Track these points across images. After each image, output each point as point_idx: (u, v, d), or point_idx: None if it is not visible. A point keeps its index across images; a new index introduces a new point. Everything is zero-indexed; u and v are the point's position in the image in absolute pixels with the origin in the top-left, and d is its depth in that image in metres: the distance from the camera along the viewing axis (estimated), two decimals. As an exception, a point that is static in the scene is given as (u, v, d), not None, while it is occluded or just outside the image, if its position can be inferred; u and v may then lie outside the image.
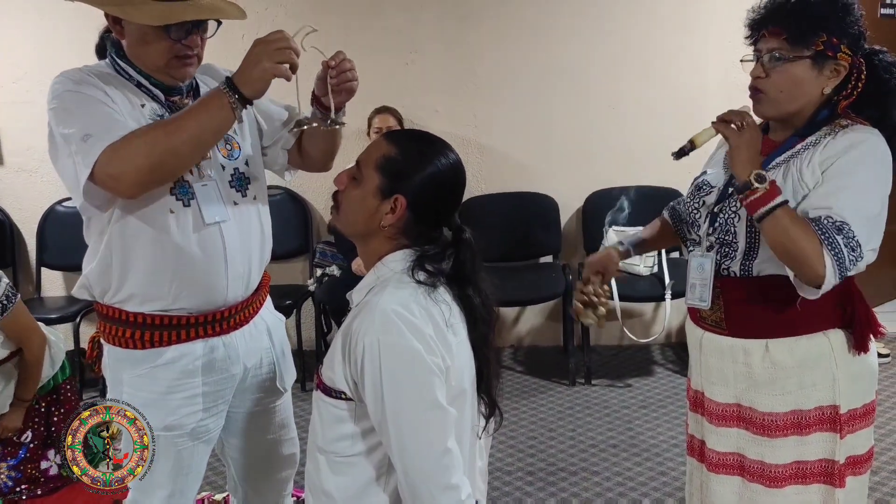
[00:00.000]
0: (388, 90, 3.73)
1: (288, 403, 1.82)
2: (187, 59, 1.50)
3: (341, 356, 1.23)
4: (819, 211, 1.37)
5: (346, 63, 1.53)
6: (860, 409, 1.52)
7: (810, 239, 1.33)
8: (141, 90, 1.52)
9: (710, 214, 1.56)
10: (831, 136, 1.44)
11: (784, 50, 1.42)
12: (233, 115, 1.43)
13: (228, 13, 1.51)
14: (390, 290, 1.22)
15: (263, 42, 1.40)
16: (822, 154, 1.42)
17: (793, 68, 1.42)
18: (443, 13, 3.69)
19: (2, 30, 3.79)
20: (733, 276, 1.52)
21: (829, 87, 1.45)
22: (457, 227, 1.32)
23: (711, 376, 1.60)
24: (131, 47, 1.50)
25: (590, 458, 2.82)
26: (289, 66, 1.41)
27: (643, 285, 3.45)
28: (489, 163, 3.83)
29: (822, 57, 1.42)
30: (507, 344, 3.97)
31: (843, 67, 1.44)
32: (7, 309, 2.25)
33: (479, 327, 1.31)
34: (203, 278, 1.54)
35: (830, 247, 1.32)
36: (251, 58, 1.40)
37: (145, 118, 1.49)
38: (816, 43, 1.40)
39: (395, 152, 1.27)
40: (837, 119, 1.47)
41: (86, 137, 1.39)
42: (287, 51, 1.40)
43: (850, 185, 1.38)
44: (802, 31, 1.40)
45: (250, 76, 1.40)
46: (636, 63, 3.68)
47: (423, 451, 1.19)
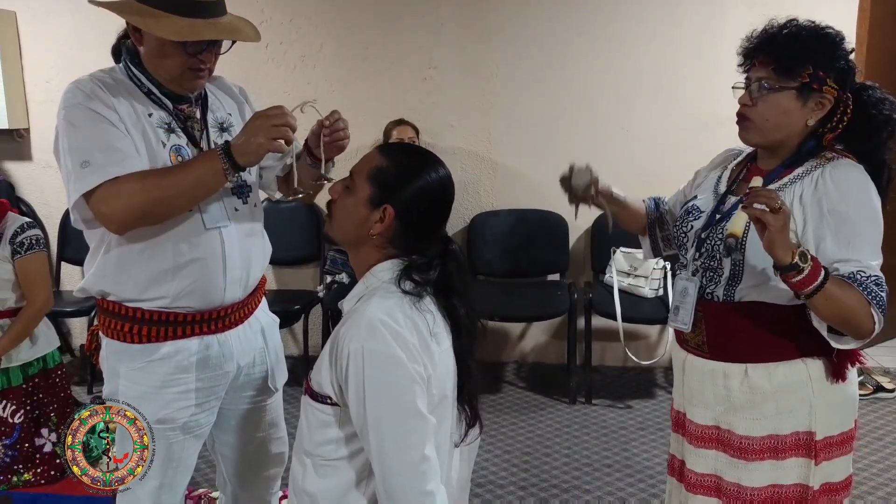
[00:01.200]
0: (405, 104, 3.81)
1: (278, 403, 1.86)
2: (200, 72, 1.57)
3: (328, 361, 1.27)
4: (849, 265, 1.39)
5: (339, 123, 1.62)
6: (837, 437, 1.54)
7: (860, 302, 1.36)
8: (150, 98, 1.58)
9: (697, 240, 1.59)
10: (818, 171, 1.46)
11: (771, 80, 1.45)
12: (225, 179, 1.51)
13: (245, 35, 1.58)
14: (377, 299, 1.27)
15: (263, 116, 1.49)
16: (814, 194, 1.44)
17: (778, 98, 1.45)
18: (461, 31, 3.77)
19: (34, 32, 3.94)
20: (716, 301, 1.55)
21: (812, 119, 1.48)
22: (444, 238, 1.37)
23: (692, 398, 1.63)
24: (148, 57, 1.57)
25: (583, 476, 2.83)
26: (284, 141, 1.49)
27: (647, 308, 3.46)
28: (501, 179, 3.88)
29: (808, 89, 1.45)
30: (511, 359, 4.00)
31: (829, 101, 1.46)
32: (29, 250, 2.35)
33: (464, 338, 1.35)
34: (202, 281, 1.59)
35: (876, 302, 1.36)
36: (249, 130, 1.49)
37: (152, 127, 1.55)
38: (803, 75, 1.44)
39: (386, 164, 1.32)
40: (823, 151, 1.49)
41: (84, 164, 1.47)
42: (283, 128, 1.48)
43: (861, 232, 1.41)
44: (790, 63, 1.44)
45: (246, 148, 1.48)
46: (648, 87, 3.71)
47: (401, 457, 1.22)
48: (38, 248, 2.50)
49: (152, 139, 1.55)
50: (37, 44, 3.95)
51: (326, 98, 3.87)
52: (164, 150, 1.56)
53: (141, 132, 1.54)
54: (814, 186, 1.45)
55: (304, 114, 1.55)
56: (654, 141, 3.71)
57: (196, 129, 1.63)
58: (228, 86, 1.78)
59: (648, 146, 3.73)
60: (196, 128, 1.63)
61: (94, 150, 1.48)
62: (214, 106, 1.70)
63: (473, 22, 3.75)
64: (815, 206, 1.43)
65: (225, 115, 1.71)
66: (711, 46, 3.62)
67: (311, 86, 3.86)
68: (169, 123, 1.58)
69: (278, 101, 4.50)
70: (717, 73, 3.63)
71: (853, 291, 1.36)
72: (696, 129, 3.58)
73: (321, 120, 1.61)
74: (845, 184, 1.43)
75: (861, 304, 1.36)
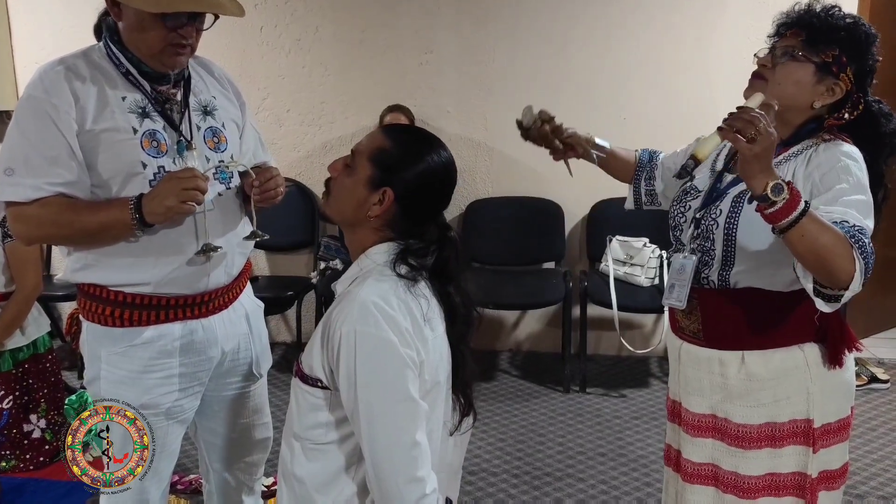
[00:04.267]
0: (401, 89, 3.77)
1: (263, 389, 1.84)
2: (181, 48, 1.52)
3: (320, 344, 1.25)
4: (835, 215, 1.33)
5: (269, 183, 1.63)
6: (835, 424, 1.53)
7: (840, 243, 1.27)
8: (128, 79, 1.54)
9: (694, 220, 1.58)
10: (813, 149, 1.46)
11: (797, 48, 1.45)
12: (132, 232, 1.50)
13: (227, 9, 1.53)
14: (371, 281, 1.24)
15: (175, 179, 1.47)
16: (806, 168, 1.44)
17: (796, 67, 1.45)
18: (458, 16, 3.72)
19: (25, 14, 3.88)
20: (711, 286, 1.54)
21: (819, 102, 1.47)
22: (442, 224, 1.34)
23: (688, 386, 1.62)
24: (127, 31, 1.52)
25: (577, 464, 2.82)
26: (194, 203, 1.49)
27: (643, 297, 3.44)
28: (498, 166, 3.85)
29: (827, 69, 1.44)
30: (506, 348, 3.99)
31: (840, 90, 1.46)
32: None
33: (458, 325, 1.33)
34: (184, 267, 1.57)
35: (860, 248, 1.28)
36: (160, 191, 1.48)
37: (123, 113, 1.51)
38: (827, 53, 1.44)
39: (389, 145, 1.29)
40: (820, 133, 1.49)
41: (8, 171, 1.47)
42: (192, 191, 1.47)
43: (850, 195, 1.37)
44: (820, 38, 1.44)
45: (155, 208, 1.47)
46: (648, 74, 3.68)
47: (391, 442, 1.20)
48: None
49: (123, 127, 1.51)
50: (27, 24, 3.89)
51: (322, 82, 3.84)
52: (136, 137, 1.52)
53: (110, 123, 1.50)
54: (807, 163, 1.45)
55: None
56: (652, 128, 3.68)
57: (175, 111, 1.59)
58: (216, 70, 1.74)
59: (647, 133, 3.68)
60: (175, 110, 1.59)
61: (22, 160, 1.47)
62: (198, 88, 1.65)
63: (471, 6, 3.70)
64: (806, 180, 1.43)
65: (209, 97, 1.67)
66: (710, 33, 3.59)
67: (305, 69, 3.82)
68: (144, 107, 1.54)
69: (273, 84, 4.43)
70: (716, 60, 3.63)
71: (834, 232, 1.28)
72: (694, 117, 3.54)
73: (251, 181, 1.61)
74: (836, 156, 1.42)
75: (841, 246, 1.27)
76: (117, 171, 1.51)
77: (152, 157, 1.53)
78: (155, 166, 1.53)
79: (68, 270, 1.61)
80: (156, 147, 1.53)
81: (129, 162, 1.51)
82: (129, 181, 1.52)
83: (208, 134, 1.63)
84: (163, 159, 1.54)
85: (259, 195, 1.63)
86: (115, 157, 1.50)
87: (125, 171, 1.51)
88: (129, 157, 1.51)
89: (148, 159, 1.52)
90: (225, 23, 1.61)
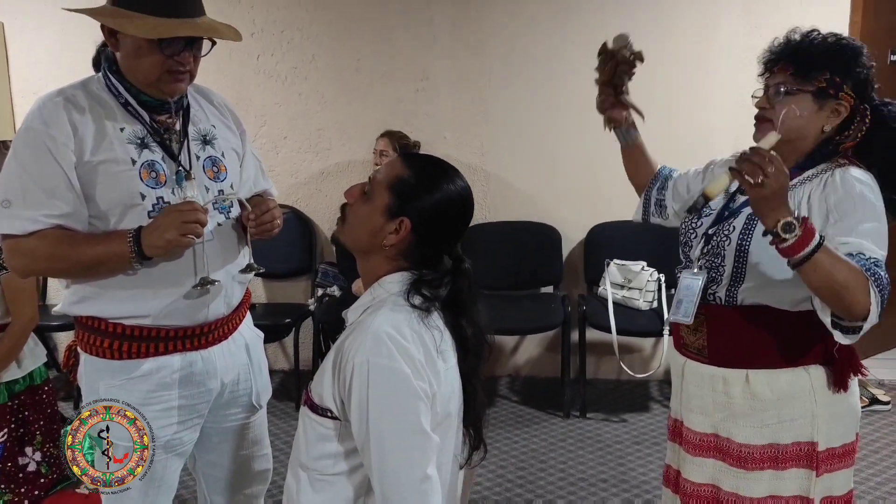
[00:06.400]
0: (398, 116, 3.79)
1: (263, 420, 1.82)
2: (179, 74, 1.52)
3: (331, 373, 1.24)
4: (850, 247, 1.35)
5: (265, 216, 1.64)
6: (839, 449, 1.52)
7: (855, 276, 1.29)
8: (127, 110, 1.54)
9: (704, 236, 1.58)
10: (829, 173, 1.46)
11: (789, 83, 1.47)
12: (129, 265, 1.50)
13: (223, 34, 1.53)
14: (385, 311, 1.23)
15: (175, 212, 1.47)
16: (822, 193, 1.44)
17: (795, 101, 1.46)
18: (453, 43, 3.75)
19: (23, 44, 3.90)
20: (718, 303, 1.53)
21: (828, 126, 1.48)
22: (457, 256, 1.33)
23: (690, 404, 1.61)
24: (125, 60, 1.53)
25: (578, 491, 2.79)
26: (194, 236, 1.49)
27: (642, 320, 3.43)
28: (494, 191, 3.85)
29: (824, 94, 1.45)
30: (505, 373, 3.96)
31: (845, 108, 1.47)
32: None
33: (470, 358, 1.32)
34: (184, 298, 1.56)
35: (876, 281, 1.30)
36: (159, 224, 1.47)
37: (122, 144, 1.51)
38: (819, 79, 1.45)
39: (408, 175, 1.28)
40: (836, 157, 1.49)
41: (5, 203, 1.47)
42: (193, 224, 1.47)
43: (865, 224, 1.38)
44: (808, 67, 1.45)
45: (155, 241, 1.47)
46: (643, 99, 3.68)
47: (402, 475, 1.18)
48: None
49: (120, 157, 1.50)
50: (24, 55, 3.91)
51: (318, 109, 3.86)
52: (135, 168, 1.51)
53: (109, 154, 1.49)
54: (822, 187, 1.45)
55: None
56: (649, 150, 3.69)
57: (174, 140, 1.58)
58: (214, 98, 1.74)
59: (642, 158, 3.71)
60: (174, 139, 1.58)
61: (19, 192, 1.47)
62: (197, 117, 1.65)
63: (466, 33, 3.74)
64: (821, 203, 1.43)
65: (208, 126, 1.67)
66: (705, 56, 3.62)
67: (302, 97, 3.83)
68: (143, 138, 1.54)
69: (270, 112, 4.44)
70: (712, 81, 3.66)
71: (849, 266, 1.30)
72: (690, 139, 3.56)
73: (246, 214, 1.62)
74: (851, 182, 1.42)
75: (856, 279, 1.29)
76: (116, 203, 1.50)
77: (151, 188, 1.52)
78: (154, 197, 1.52)
79: (66, 303, 1.60)
80: (154, 178, 1.53)
81: (127, 193, 1.50)
82: (128, 212, 1.51)
83: (207, 163, 1.62)
84: (161, 190, 1.53)
85: (255, 228, 1.63)
86: (113, 189, 1.50)
87: (124, 203, 1.51)
88: (127, 188, 1.50)
89: (147, 190, 1.52)
90: (222, 51, 1.61)
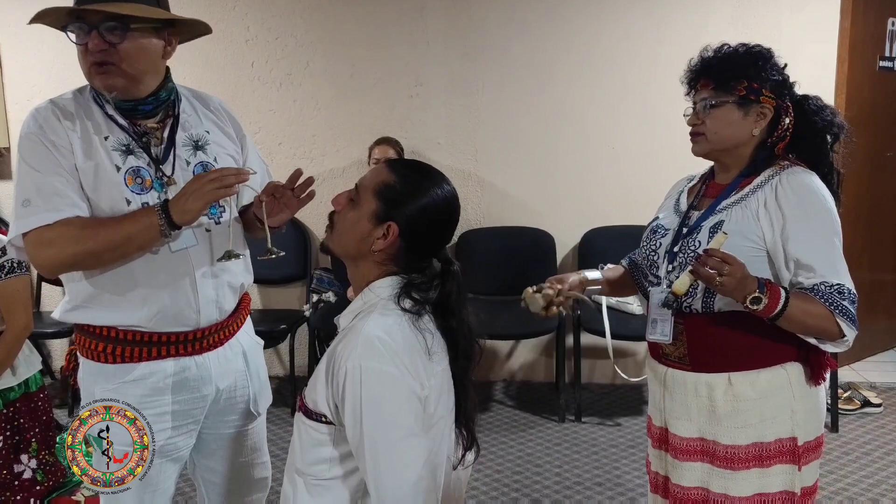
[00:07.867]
0: (392, 122, 3.81)
1: (262, 427, 1.82)
2: (100, 66, 1.49)
3: (325, 379, 1.25)
4: (813, 278, 1.47)
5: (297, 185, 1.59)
6: (813, 442, 1.59)
7: (823, 316, 1.45)
8: (111, 119, 1.55)
9: (668, 254, 1.63)
10: (776, 178, 1.54)
11: (713, 97, 1.58)
12: (160, 237, 1.49)
13: (121, 6, 1.45)
14: (375, 316, 1.24)
15: (201, 180, 1.48)
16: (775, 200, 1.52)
17: (721, 112, 1.58)
18: (447, 50, 3.78)
19: (18, 51, 3.90)
20: (695, 313, 1.58)
21: (757, 129, 1.58)
22: (445, 258, 1.34)
23: (675, 411, 1.64)
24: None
25: (574, 495, 2.80)
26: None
27: (636, 324, 3.45)
28: (488, 197, 3.87)
29: (746, 101, 1.56)
30: (500, 378, 3.98)
31: (769, 110, 1.57)
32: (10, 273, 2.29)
33: (461, 359, 1.33)
34: (173, 306, 1.56)
35: (841, 312, 1.45)
36: (188, 191, 1.48)
37: (107, 151, 1.52)
38: (739, 88, 1.56)
39: (393, 180, 1.29)
40: (777, 160, 1.58)
41: (25, 203, 1.47)
42: (220, 189, 1.47)
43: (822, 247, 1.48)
44: (726, 79, 1.57)
45: (183, 207, 1.47)
46: (636, 105, 3.73)
47: (397, 477, 1.20)
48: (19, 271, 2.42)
49: (107, 165, 1.52)
50: (18, 62, 3.92)
51: (313, 115, 3.88)
52: (120, 174, 1.52)
53: (95, 161, 1.51)
54: (774, 193, 1.53)
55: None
56: (641, 157, 3.72)
57: (154, 143, 1.57)
58: (210, 101, 1.73)
59: (636, 163, 3.74)
60: (152, 143, 1.57)
61: (35, 190, 1.48)
62: (189, 122, 1.64)
63: (459, 41, 3.76)
64: (777, 210, 1.51)
65: (202, 131, 1.66)
66: (696, 64, 3.64)
67: (297, 104, 3.85)
68: (127, 145, 1.55)
69: (265, 118, 4.46)
70: (702, 90, 3.69)
71: (816, 306, 1.45)
72: (684, 146, 3.57)
73: (258, 197, 1.59)
74: (801, 191, 1.51)
75: (826, 317, 1.45)
76: (104, 208, 1.52)
77: (136, 194, 1.53)
78: (139, 203, 1.53)
79: (61, 310, 1.61)
80: (140, 183, 1.54)
81: (113, 199, 1.52)
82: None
83: (198, 168, 1.61)
84: (147, 195, 1.54)
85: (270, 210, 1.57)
86: (99, 195, 1.51)
87: (111, 208, 1.52)
88: (113, 194, 1.51)
89: (132, 196, 1.53)
90: (217, 58, 1.62)
